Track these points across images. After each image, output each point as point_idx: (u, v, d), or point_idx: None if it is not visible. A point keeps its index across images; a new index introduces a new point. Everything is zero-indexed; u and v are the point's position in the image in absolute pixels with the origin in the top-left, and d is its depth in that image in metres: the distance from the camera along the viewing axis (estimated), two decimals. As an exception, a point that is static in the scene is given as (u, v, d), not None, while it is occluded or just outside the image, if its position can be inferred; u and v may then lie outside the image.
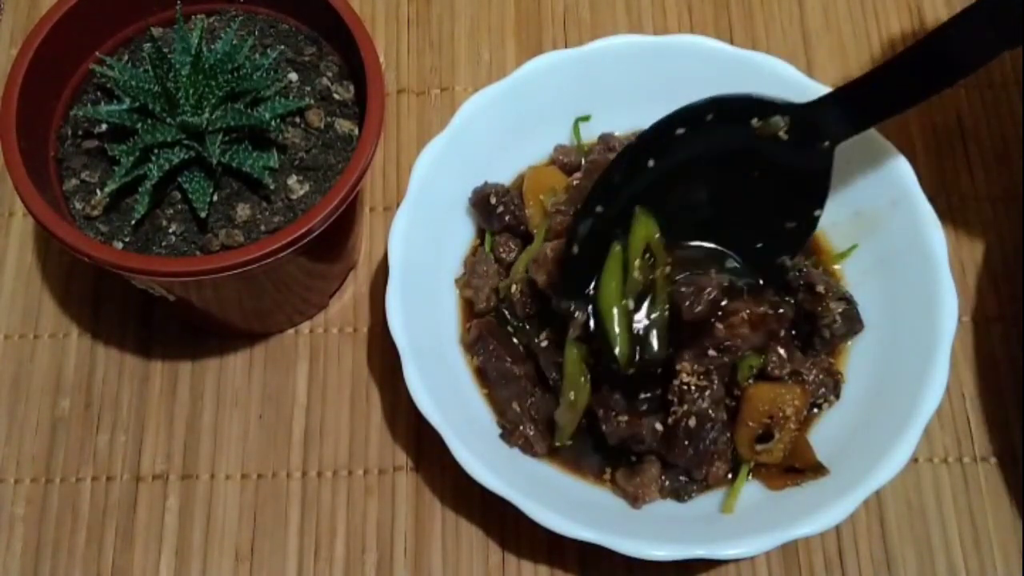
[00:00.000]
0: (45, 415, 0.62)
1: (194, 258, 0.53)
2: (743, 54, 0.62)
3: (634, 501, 0.55)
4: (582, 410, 0.56)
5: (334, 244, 0.60)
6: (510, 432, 0.57)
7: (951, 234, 0.64)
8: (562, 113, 0.64)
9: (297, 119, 0.56)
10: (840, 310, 0.57)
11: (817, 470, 0.55)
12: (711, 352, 0.55)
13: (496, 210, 0.61)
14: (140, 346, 0.64)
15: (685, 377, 0.54)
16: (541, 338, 0.57)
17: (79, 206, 0.54)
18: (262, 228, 0.53)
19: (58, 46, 0.55)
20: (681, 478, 0.56)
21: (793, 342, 0.58)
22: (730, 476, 0.56)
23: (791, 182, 0.57)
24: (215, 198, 0.53)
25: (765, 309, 0.56)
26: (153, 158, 0.51)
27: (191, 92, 0.51)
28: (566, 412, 0.56)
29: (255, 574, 0.58)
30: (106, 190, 0.53)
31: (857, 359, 0.59)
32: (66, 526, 0.59)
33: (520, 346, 0.58)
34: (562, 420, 0.56)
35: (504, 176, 0.63)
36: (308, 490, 0.60)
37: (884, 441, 0.53)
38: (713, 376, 0.55)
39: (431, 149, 0.60)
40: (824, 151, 0.56)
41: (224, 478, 0.60)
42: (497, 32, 0.74)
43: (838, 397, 0.58)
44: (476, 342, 0.58)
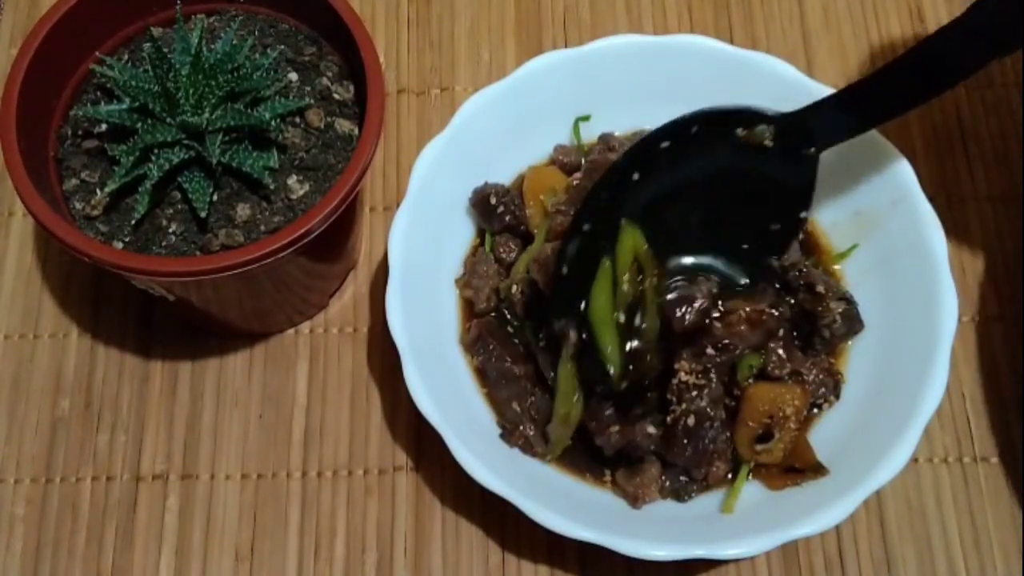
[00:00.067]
0: (45, 415, 0.62)
1: (194, 258, 0.53)
2: (743, 54, 0.62)
3: (634, 501, 0.55)
4: (575, 425, 0.56)
5: (334, 244, 0.60)
6: (510, 432, 0.57)
7: (951, 234, 0.63)
8: (562, 113, 0.64)
9: (297, 119, 0.56)
10: (840, 310, 0.57)
11: (817, 470, 0.55)
12: (709, 351, 0.55)
13: (496, 210, 0.61)
14: (140, 346, 0.64)
15: (684, 376, 0.54)
16: (541, 338, 0.57)
17: (79, 206, 0.54)
18: (262, 228, 0.53)
19: (58, 46, 0.55)
20: (681, 478, 0.56)
21: (793, 342, 0.58)
22: (730, 476, 0.56)
23: (776, 186, 0.57)
24: (215, 198, 0.53)
25: (763, 308, 0.56)
26: (153, 158, 0.51)
27: (191, 92, 0.51)
28: (559, 427, 0.56)
29: (255, 574, 0.58)
30: (106, 190, 0.53)
31: (857, 359, 0.59)
32: (66, 526, 0.59)
33: (520, 346, 0.58)
34: (555, 435, 0.56)
35: (504, 176, 0.63)
36: (308, 490, 0.60)
37: (884, 441, 0.53)
38: (712, 375, 0.55)
39: (431, 149, 0.60)
40: (810, 156, 0.56)
41: (224, 478, 0.60)
42: (497, 32, 0.74)
43: (838, 397, 0.58)
44: (476, 342, 0.58)
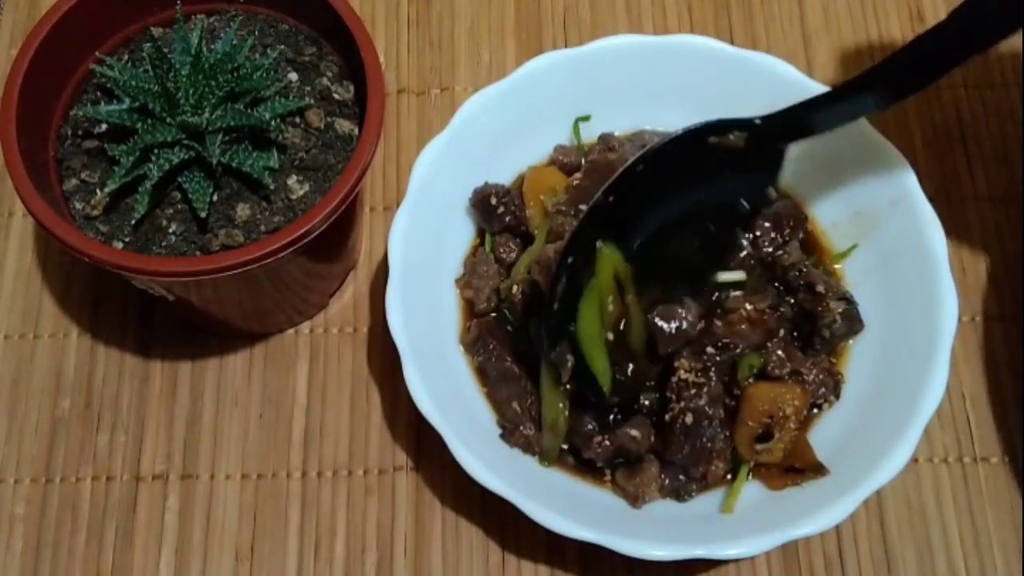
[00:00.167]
0: (45, 415, 0.62)
1: (194, 258, 0.53)
2: (743, 54, 0.62)
3: (634, 501, 0.55)
4: (563, 433, 0.56)
5: (334, 244, 0.60)
6: (510, 432, 0.57)
7: (951, 234, 0.63)
8: (562, 113, 0.64)
9: (297, 119, 0.56)
10: (840, 310, 0.57)
11: (817, 470, 0.55)
12: (709, 349, 0.55)
13: (496, 210, 0.61)
14: (140, 346, 0.63)
15: (683, 374, 0.54)
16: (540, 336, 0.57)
17: (79, 206, 0.54)
18: (262, 228, 0.53)
19: (58, 46, 0.55)
20: (680, 477, 0.56)
21: (793, 342, 0.58)
22: (730, 476, 0.56)
23: (745, 172, 0.57)
24: (215, 198, 0.53)
25: (764, 307, 0.56)
26: (153, 158, 0.51)
27: (191, 92, 0.51)
28: (548, 435, 0.56)
29: (255, 574, 0.58)
30: (106, 190, 0.53)
31: (857, 359, 0.59)
32: (66, 526, 0.59)
33: (520, 346, 0.58)
34: (546, 443, 0.57)
35: (504, 176, 0.63)
36: (308, 490, 0.60)
37: (884, 441, 0.53)
38: (711, 373, 0.55)
39: (431, 149, 0.60)
40: (780, 149, 0.56)
41: (224, 478, 0.60)
42: (497, 32, 0.74)
43: (838, 397, 0.58)
44: (476, 342, 0.58)
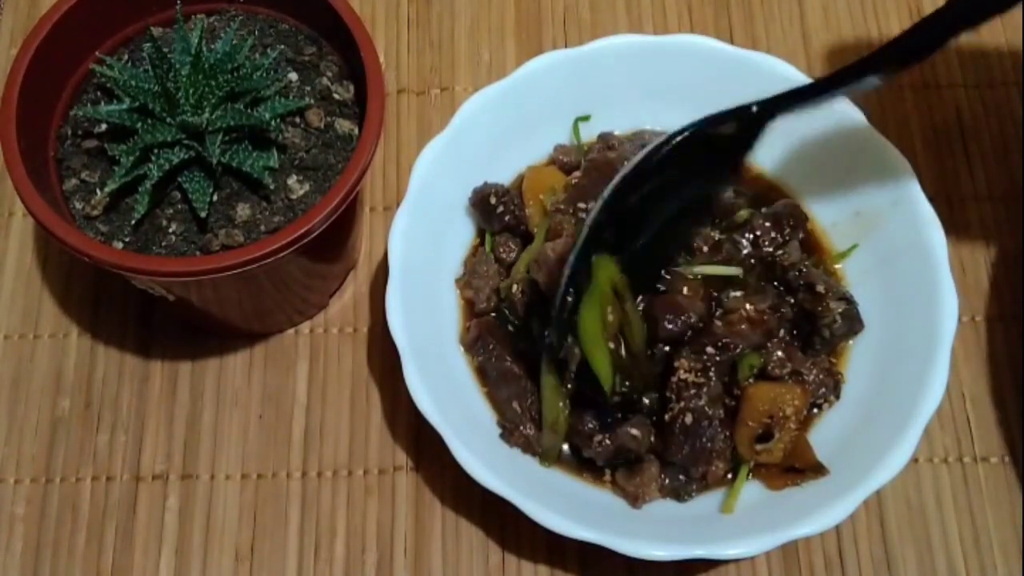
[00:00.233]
0: (45, 415, 0.62)
1: (194, 258, 0.53)
2: (743, 54, 0.62)
3: (634, 501, 0.55)
4: (563, 433, 0.56)
5: (334, 244, 0.60)
6: (510, 432, 0.57)
7: (951, 234, 0.63)
8: (562, 113, 0.64)
9: (297, 119, 0.56)
10: (840, 310, 0.57)
11: (817, 470, 0.55)
12: (709, 349, 0.55)
13: (496, 210, 0.61)
14: (140, 346, 0.63)
15: (683, 374, 0.54)
16: (546, 336, 0.57)
17: (79, 206, 0.54)
18: (262, 228, 0.53)
19: (58, 46, 0.55)
20: (680, 477, 0.56)
21: (793, 342, 0.58)
22: (730, 476, 0.56)
23: (727, 152, 0.55)
24: (215, 198, 0.53)
25: (764, 308, 0.56)
26: (153, 158, 0.51)
27: (191, 92, 0.51)
28: (549, 435, 0.56)
29: (255, 574, 0.58)
30: (106, 190, 0.53)
31: (857, 359, 0.59)
32: (66, 526, 0.59)
33: (521, 346, 0.58)
34: (546, 443, 0.57)
35: (504, 176, 0.63)
36: (308, 490, 0.60)
37: (884, 441, 0.53)
38: (711, 373, 0.55)
39: (431, 149, 0.60)
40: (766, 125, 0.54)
41: (224, 478, 0.60)
42: (497, 32, 0.74)
43: (838, 397, 0.58)
44: (476, 342, 0.58)
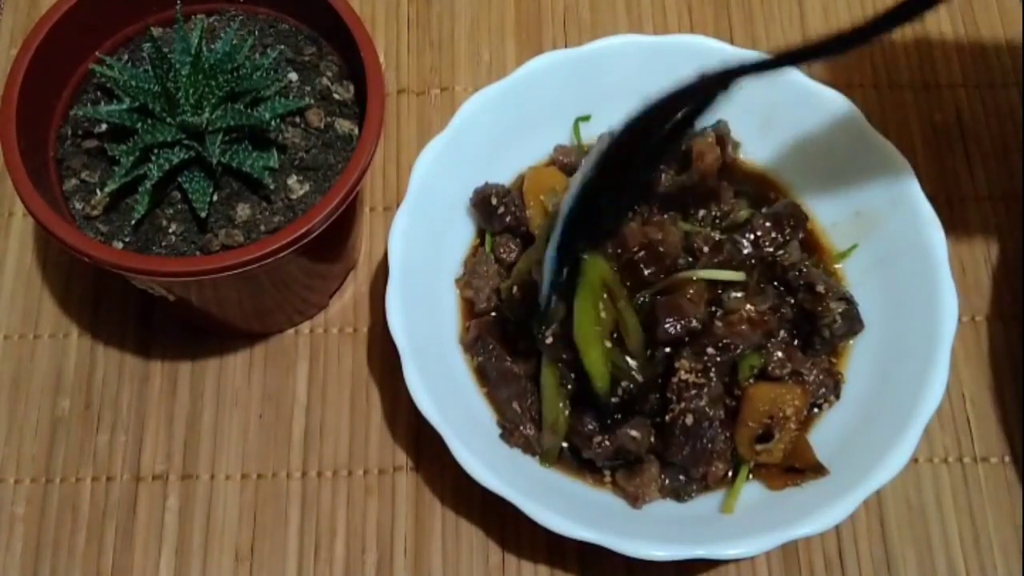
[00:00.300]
0: (45, 415, 0.62)
1: (194, 258, 0.53)
2: (743, 54, 0.62)
3: (634, 501, 0.55)
4: (563, 433, 0.56)
5: (334, 244, 0.60)
6: (510, 432, 0.57)
7: (951, 234, 0.63)
8: (562, 113, 0.64)
9: (297, 119, 0.56)
10: (840, 310, 0.57)
11: (817, 470, 0.55)
12: (710, 350, 0.55)
13: (497, 211, 0.61)
14: (140, 346, 0.63)
15: (683, 374, 0.54)
16: (546, 335, 0.57)
17: (79, 206, 0.54)
18: (262, 228, 0.53)
19: (58, 46, 0.55)
20: (680, 477, 0.56)
21: (793, 342, 0.58)
22: (730, 476, 0.56)
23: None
24: (215, 198, 0.53)
25: (764, 308, 0.56)
26: (153, 158, 0.51)
27: (191, 92, 0.51)
28: (548, 435, 0.56)
29: (255, 574, 0.58)
30: (106, 190, 0.53)
31: (857, 359, 0.59)
32: (66, 526, 0.59)
33: (520, 345, 0.58)
34: (546, 443, 0.57)
35: (504, 176, 0.63)
36: (308, 490, 0.60)
37: (884, 441, 0.53)
38: (712, 374, 0.55)
39: (431, 149, 0.60)
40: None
41: (224, 478, 0.60)
42: (497, 32, 0.74)
43: (838, 397, 0.58)
44: (476, 342, 0.58)
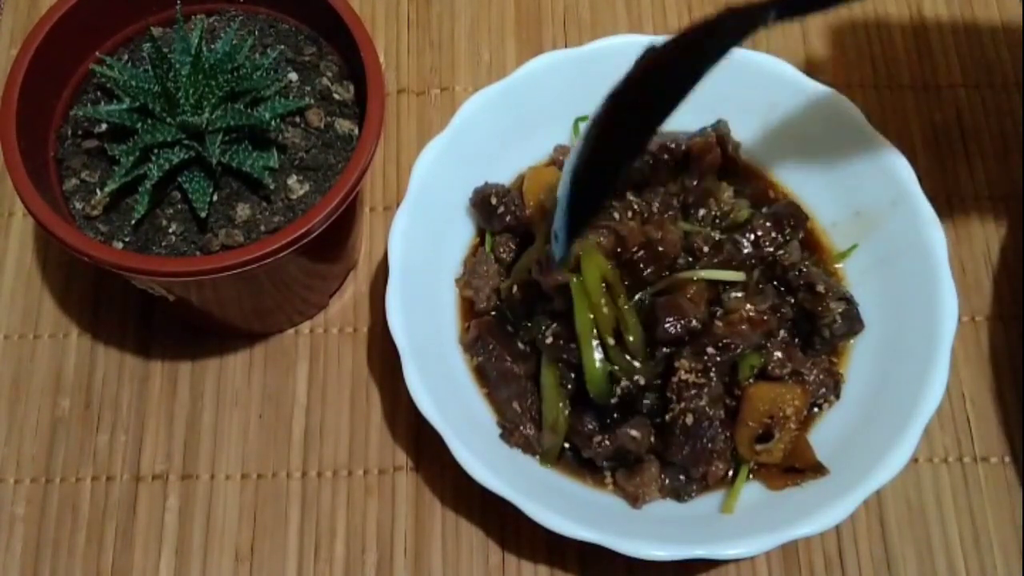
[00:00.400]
0: (45, 415, 0.62)
1: (194, 258, 0.53)
2: (743, 54, 0.62)
3: (634, 501, 0.55)
4: (563, 433, 0.56)
5: (334, 244, 0.60)
6: (510, 432, 0.57)
7: (951, 234, 0.63)
8: (562, 113, 0.64)
9: (297, 119, 0.56)
10: (840, 310, 0.57)
11: (817, 470, 0.55)
12: (710, 350, 0.55)
13: (497, 210, 0.61)
14: (140, 346, 0.63)
15: (683, 374, 0.54)
16: (546, 335, 0.57)
17: (79, 206, 0.54)
18: (262, 228, 0.53)
19: (58, 46, 0.55)
20: (680, 477, 0.56)
21: (793, 342, 0.58)
22: (730, 476, 0.56)
23: None
24: (215, 198, 0.53)
25: (764, 308, 0.56)
26: (153, 158, 0.51)
27: (191, 92, 0.51)
28: (548, 434, 0.56)
29: (255, 574, 0.58)
30: (106, 190, 0.53)
31: (857, 359, 0.59)
32: (66, 526, 0.59)
33: (520, 345, 0.58)
34: (546, 443, 0.57)
35: (504, 176, 0.63)
36: (308, 490, 0.60)
37: (884, 441, 0.53)
38: (712, 374, 0.55)
39: (431, 149, 0.60)
40: None
41: (224, 478, 0.60)
42: (497, 32, 0.74)
43: (838, 397, 0.58)
44: (475, 342, 0.58)
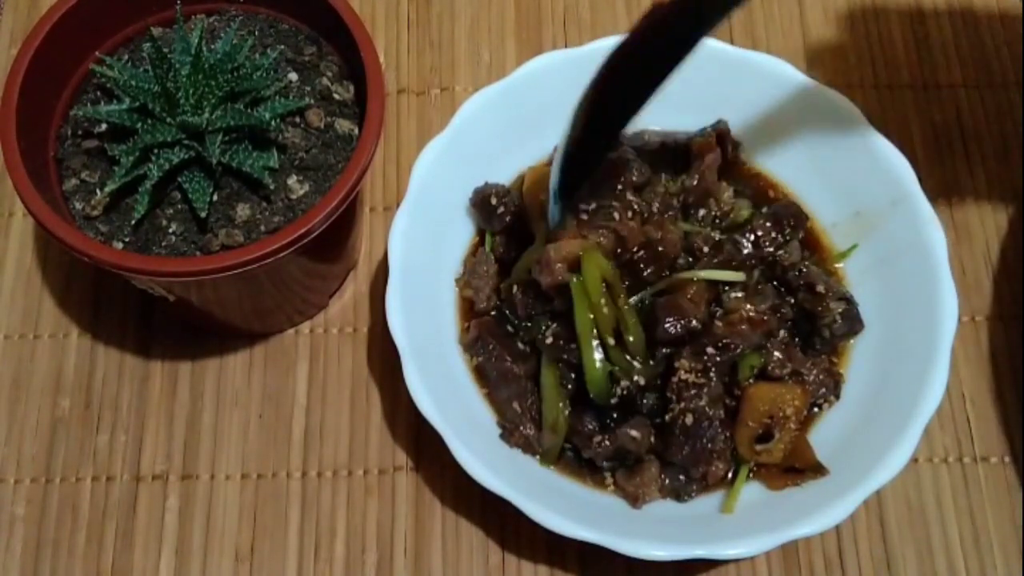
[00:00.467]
0: (45, 415, 0.62)
1: (194, 258, 0.53)
2: (743, 54, 0.62)
3: (634, 501, 0.55)
4: (563, 433, 0.56)
5: (334, 244, 0.60)
6: (510, 432, 0.57)
7: (951, 234, 0.64)
8: (562, 113, 0.64)
9: (297, 119, 0.56)
10: (840, 310, 0.57)
11: (817, 470, 0.55)
12: (710, 350, 0.55)
13: (497, 210, 0.61)
14: (140, 346, 0.63)
15: (683, 374, 0.54)
16: (546, 335, 0.57)
17: (79, 206, 0.54)
18: (262, 228, 0.53)
19: (58, 46, 0.55)
20: (680, 477, 0.56)
21: (793, 342, 0.58)
22: (730, 476, 0.56)
23: None
24: (215, 198, 0.53)
25: (764, 308, 0.56)
26: (153, 158, 0.51)
27: (191, 92, 0.51)
28: (548, 435, 0.56)
29: (255, 574, 0.58)
30: (106, 190, 0.53)
31: (857, 359, 0.59)
32: (66, 526, 0.59)
33: (520, 345, 0.58)
34: (546, 444, 0.57)
35: (504, 176, 0.63)
36: (308, 490, 0.60)
37: (884, 441, 0.53)
38: (712, 374, 0.55)
39: (431, 149, 0.60)
40: None
41: (224, 478, 0.60)
42: (497, 32, 0.74)
43: (838, 397, 0.58)
44: (476, 342, 0.58)
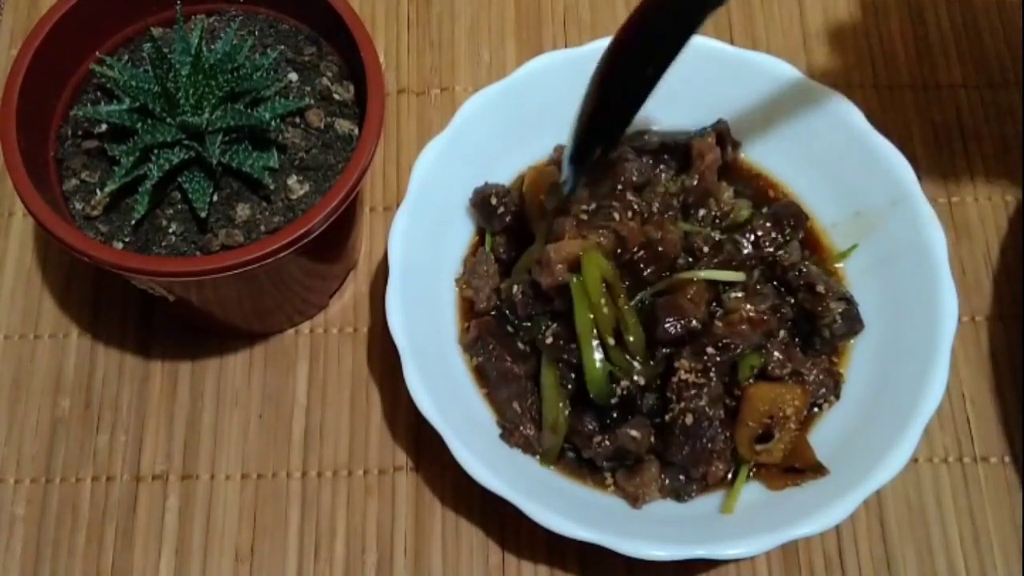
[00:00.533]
0: (45, 415, 0.62)
1: (194, 258, 0.53)
2: (743, 54, 0.62)
3: (634, 501, 0.55)
4: (563, 433, 0.56)
5: (334, 244, 0.60)
6: (510, 432, 0.57)
7: (951, 234, 0.64)
8: (562, 113, 0.64)
9: (297, 119, 0.56)
10: (840, 310, 0.57)
11: (817, 470, 0.55)
12: (710, 350, 0.55)
13: (497, 210, 0.61)
14: (140, 346, 0.63)
15: (683, 374, 0.54)
16: (546, 335, 0.57)
17: (79, 206, 0.54)
18: (262, 228, 0.53)
19: (58, 46, 0.55)
20: (680, 477, 0.56)
21: (793, 342, 0.58)
22: (730, 476, 0.56)
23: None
24: (215, 198, 0.53)
25: (764, 308, 0.56)
26: (153, 158, 0.51)
27: (191, 92, 0.51)
28: (548, 435, 0.56)
29: (255, 574, 0.58)
30: (106, 190, 0.53)
31: (857, 359, 0.59)
32: (66, 526, 0.59)
33: (520, 345, 0.58)
34: (546, 443, 0.57)
35: (504, 176, 0.63)
36: (308, 490, 0.60)
37: (884, 441, 0.53)
38: (712, 374, 0.55)
39: (431, 149, 0.60)
40: None
41: (224, 478, 0.60)
42: (497, 32, 0.74)
43: (838, 397, 0.58)
44: (475, 342, 0.58)
